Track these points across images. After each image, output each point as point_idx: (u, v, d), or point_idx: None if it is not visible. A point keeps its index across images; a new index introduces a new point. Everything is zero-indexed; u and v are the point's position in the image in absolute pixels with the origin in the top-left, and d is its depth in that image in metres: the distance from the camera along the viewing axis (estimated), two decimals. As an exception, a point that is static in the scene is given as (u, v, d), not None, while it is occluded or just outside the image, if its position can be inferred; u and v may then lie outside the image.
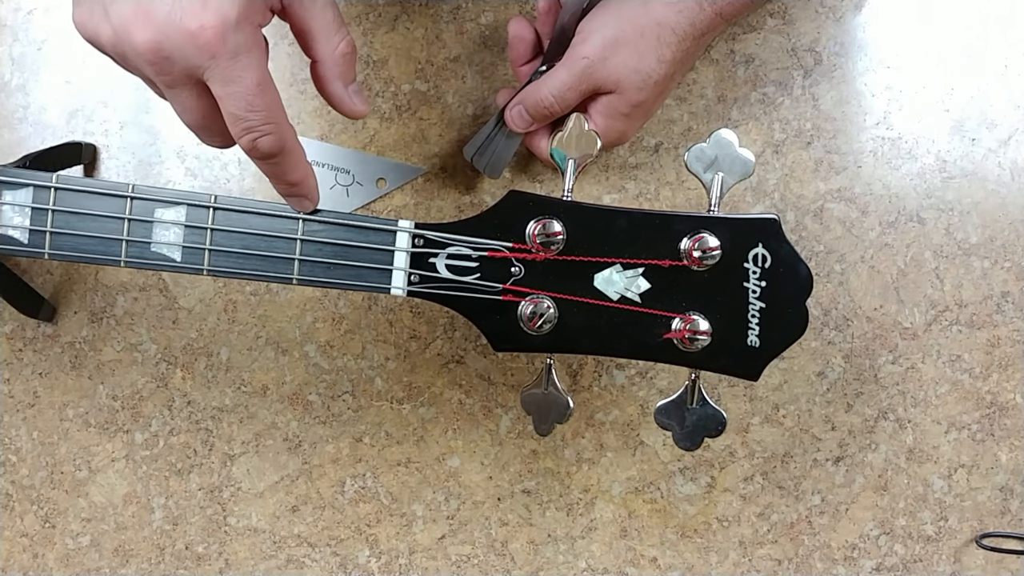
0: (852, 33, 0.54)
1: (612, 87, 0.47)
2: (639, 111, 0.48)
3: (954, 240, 0.54)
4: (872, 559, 0.55)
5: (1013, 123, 0.54)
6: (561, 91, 0.47)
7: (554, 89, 0.47)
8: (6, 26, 0.57)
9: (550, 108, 0.48)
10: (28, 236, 0.42)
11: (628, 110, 0.47)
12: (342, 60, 0.41)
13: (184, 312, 0.57)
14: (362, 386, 0.57)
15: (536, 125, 0.50)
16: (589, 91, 0.47)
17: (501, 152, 0.53)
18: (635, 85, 0.46)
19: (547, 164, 0.53)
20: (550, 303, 0.40)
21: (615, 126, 0.48)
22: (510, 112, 0.50)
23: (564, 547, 0.56)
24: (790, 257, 0.40)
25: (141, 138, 0.57)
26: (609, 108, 0.47)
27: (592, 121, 0.48)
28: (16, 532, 0.58)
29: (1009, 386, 0.54)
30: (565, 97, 0.47)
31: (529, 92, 0.48)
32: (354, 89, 0.42)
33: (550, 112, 0.48)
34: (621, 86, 0.46)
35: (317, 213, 0.42)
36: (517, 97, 0.49)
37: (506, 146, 0.52)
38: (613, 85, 0.46)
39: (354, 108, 0.42)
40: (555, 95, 0.47)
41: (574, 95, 0.47)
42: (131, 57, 0.37)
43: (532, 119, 0.49)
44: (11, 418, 0.58)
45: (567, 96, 0.47)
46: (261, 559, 0.57)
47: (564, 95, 0.47)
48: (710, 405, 0.41)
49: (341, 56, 0.40)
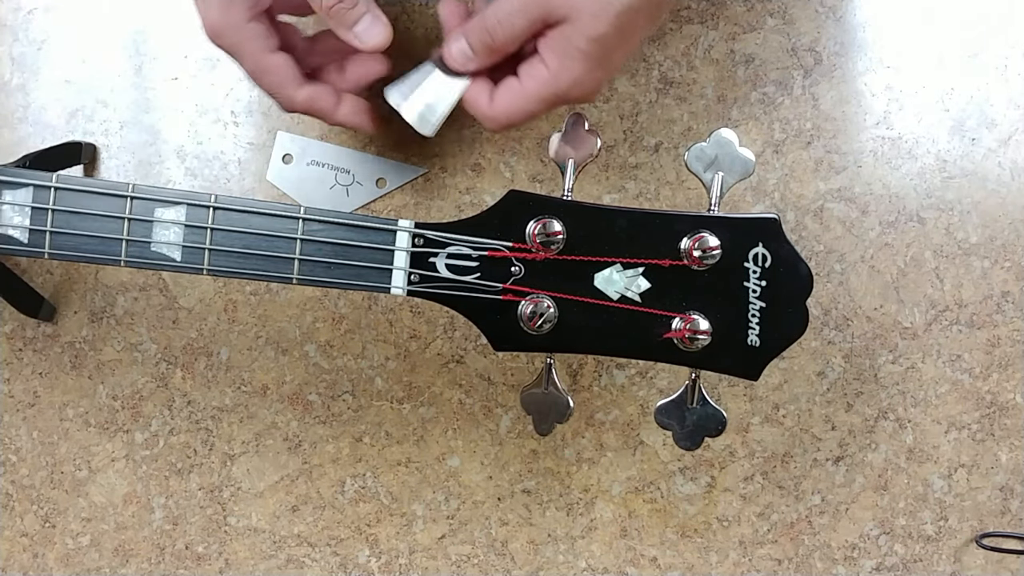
0: (852, 33, 0.54)
1: (564, 13, 0.41)
2: (598, 48, 0.41)
3: (954, 240, 0.54)
4: (872, 559, 0.55)
5: (1013, 123, 0.54)
6: (508, 16, 0.41)
7: (501, 14, 0.42)
8: (6, 26, 0.57)
9: (495, 37, 0.42)
10: (28, 236, 0.42)
11: (585, 45, 0.41)
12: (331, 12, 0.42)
13: (184, 312, 0.57)
14: (362, 386, 0.57)
15: (479, 63, 0.44)
16: (539, 18, 0.41)
17: (436, 100, 0.45)
18: (590, 11, 0.40)
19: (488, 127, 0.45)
20: (550, 303, 0.40)
21: (571, 67, 0.42)
22: (449, 48, 0.44)
23: (564, 547, 0.56)
24: (790, 257, 0.40)
25: (141, 138, 0.57)
26: (563, 42, 0.41)
27: (545, 63, 0.42)
28: (16, 532, 0.58)
29: (1009, 386, 0.54)
30: (513, 24, 0.41)
31: (472, 21, 0.43)
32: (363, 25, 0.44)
33: (494, 43, 0.42)
34: (575, 13, 0.41)
35: (317, 213, 0.42)
36: (458, 29, 0.44)
37: (443, 93, 0.45)
38: (566, 10, 0.41)
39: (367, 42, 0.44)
40: (501, 20, 0.42)
41: (522, 21, 0.41)
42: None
43: (474, 54, 0.43)
44: (11, 418, 0.58)
45: (515, 22, 0.41)
46: (261, 559, 0.57)
47: (511, 20, 0.41)
48: (710, 405, 0.41)
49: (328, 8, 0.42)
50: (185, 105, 0.57)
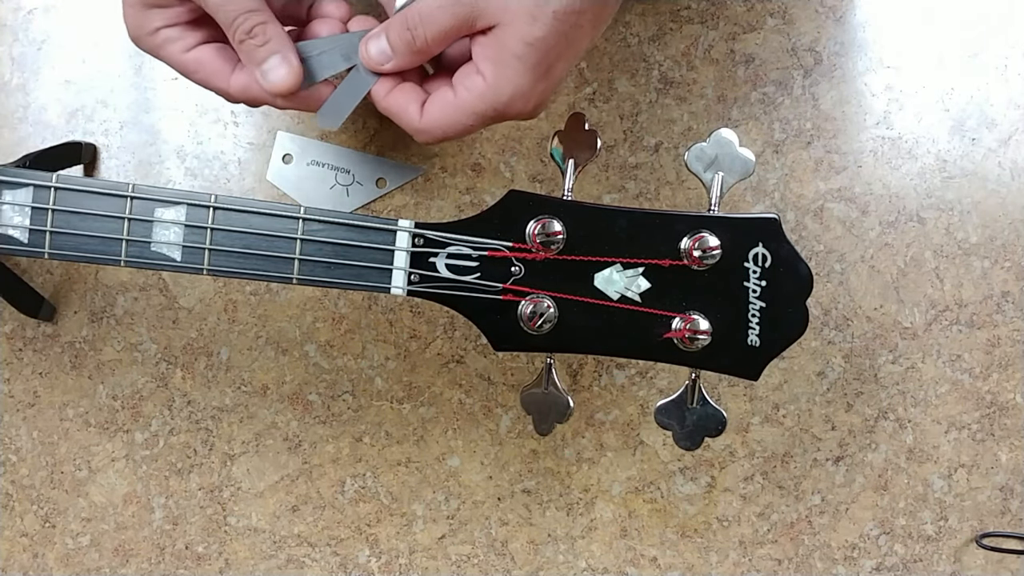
0: (852, 33, 0.54)
1: (496, 15, 0.37)
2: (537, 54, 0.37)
3: (954, 240, 0.54)
4: (872, 559, 0.55)
5: (1013, 123, 0.54)
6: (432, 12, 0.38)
7: (424, 10, 0.38)
8: (6, 26, 0.57)
9: (416, 36, 0.38)
10: (28, 236, 0.42)
11: (522, 50, 0.37)
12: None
13: (184, 312, 0.57)
14: (362, 386, 0.57)
15: (398, 63, 0.40)
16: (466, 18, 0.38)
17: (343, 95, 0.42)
18: (526, 12, 0.36)
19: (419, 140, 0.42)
20: (550, 303, 0.40)
21: (509, 77, 0.38)
22: (366, 44, 0.40)
23: (564, 547, 0.56)
24: (790, 256, 0.40)
25: (141, 138, 0.57)
26: (497, 48, 0.37)
27: (481, 73, 0.39)
28: (16, 532, 0.58)
29: (1009, 386, 0.54)
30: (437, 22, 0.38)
31: (394, 17, 0.40)
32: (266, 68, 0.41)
33: (415, 43, 0.39)
34: (508, 15, 0.37)
35: (317, 213, 0.42)
36: (380, 26, 0.41)
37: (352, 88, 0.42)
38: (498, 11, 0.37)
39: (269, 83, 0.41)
40: (424, 17, 0.38)
41: (447, 19, 0.38)
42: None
43: (394, 54, 0.40)
44: (11, 418, 0.58)
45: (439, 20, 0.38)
46: (261, 559, 0.57)
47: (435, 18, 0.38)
48: (710, 405, 0.41)
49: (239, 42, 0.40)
50: (185, 105, 0.57)
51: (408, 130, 0.41)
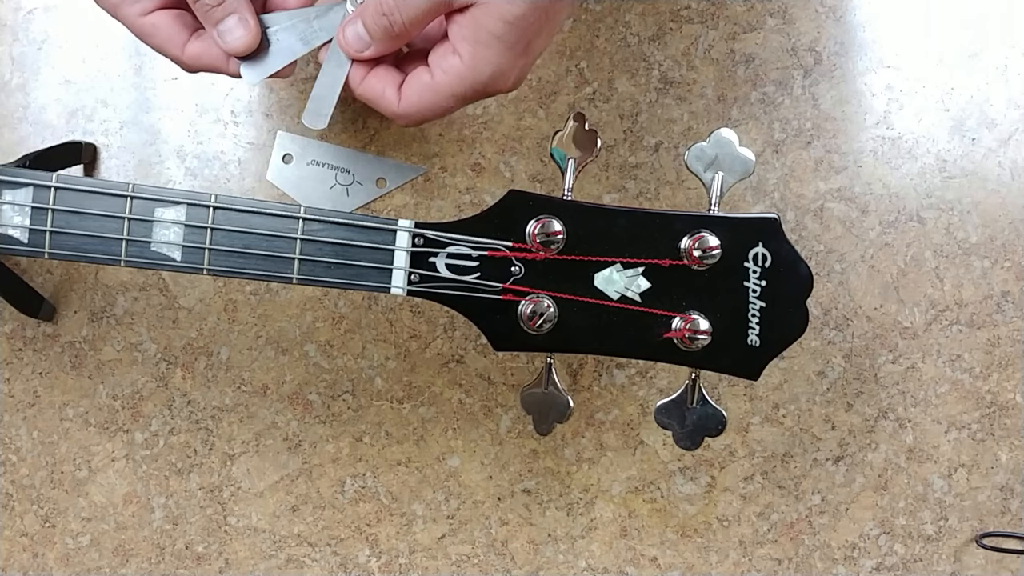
0: (852, 33, 0.54)
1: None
2: (515, 32, 0.36)
3: (954, 240, 0.54)
4: (872, 559, 0.55)
5: (1013, 123, 0.54)
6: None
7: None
8: (6, 26, 0.57)
9: (393, 20, 0.38)
10: (28, 236, 0.42)
11: (500, 29, 0.36)
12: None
13: (184, 312, 0.57)
14: (362, 386, 0.57)
15: (376, 49, 0.39)
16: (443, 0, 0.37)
17: (322, 89, 0.41)
18: None
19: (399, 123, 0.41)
20: (550, 302, 0.40)
21: (487, 56, 0.37)
22: (343, 31, 0.40)
23: (564, 547, 0.56)
24: (790, 256, 0.40)
25: (141, 138, 0.57)
26: (475, 27, 0.37)
27: (458, 53, 0.38)
28: (16, 532, 0.58)
29: (1009, 386, 0.54)
30: (412, 3, 0.37)
31: (369, 1, 0.39)
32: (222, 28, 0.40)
33: (392, 27, 0.38)
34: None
35: (318, 212, 0.42)
36: (355, 12, 0.40)
37: (328, 80, 0.41)
38: None
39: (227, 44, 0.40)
40: (399, 0, 0.37)
41: (423, 1, 0.37)
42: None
43: (372, 39, 0.39)
44: (11, 418, 0.58)
45: (416, 3, 0.37)
46: (261, 559, 0.57)
47: (411, 0, 0.37)
48: (710, 404, 0.41)
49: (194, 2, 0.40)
50: (185, 105, 0.57)
51: (385, 114, 0.41)
